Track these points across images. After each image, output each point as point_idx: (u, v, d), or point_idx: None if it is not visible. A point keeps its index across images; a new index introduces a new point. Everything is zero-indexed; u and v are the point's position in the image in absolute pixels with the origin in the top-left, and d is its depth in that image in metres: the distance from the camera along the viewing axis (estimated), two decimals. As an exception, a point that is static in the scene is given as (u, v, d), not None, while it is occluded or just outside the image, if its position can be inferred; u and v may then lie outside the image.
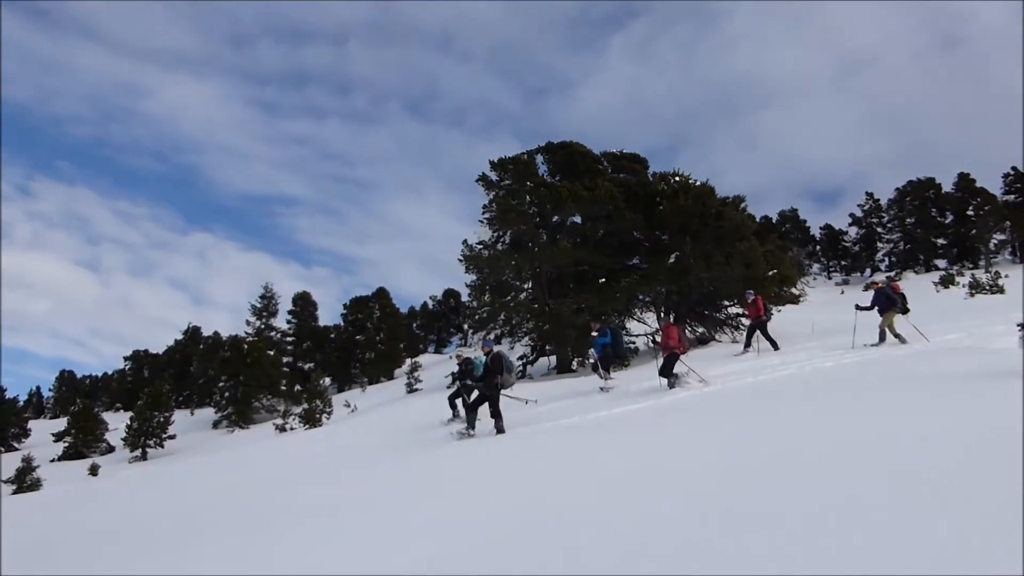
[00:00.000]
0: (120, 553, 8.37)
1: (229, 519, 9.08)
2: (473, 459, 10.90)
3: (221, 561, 6.44)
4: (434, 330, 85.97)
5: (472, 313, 35.16)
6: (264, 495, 10.94)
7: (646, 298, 31.30)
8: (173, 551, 7.63)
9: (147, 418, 39.53)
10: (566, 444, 10.43)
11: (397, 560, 5.13)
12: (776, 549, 3.56)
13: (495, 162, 33.24)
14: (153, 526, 9.99)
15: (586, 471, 7.59)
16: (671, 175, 31.94)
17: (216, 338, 66.23)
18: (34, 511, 15.60)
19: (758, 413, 9.61)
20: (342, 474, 11.84)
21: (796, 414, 8.80)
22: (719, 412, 10.71)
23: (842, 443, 6.16)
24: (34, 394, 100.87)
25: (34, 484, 25.54)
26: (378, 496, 9.13)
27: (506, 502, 6.64)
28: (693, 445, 8.09)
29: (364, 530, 6.70)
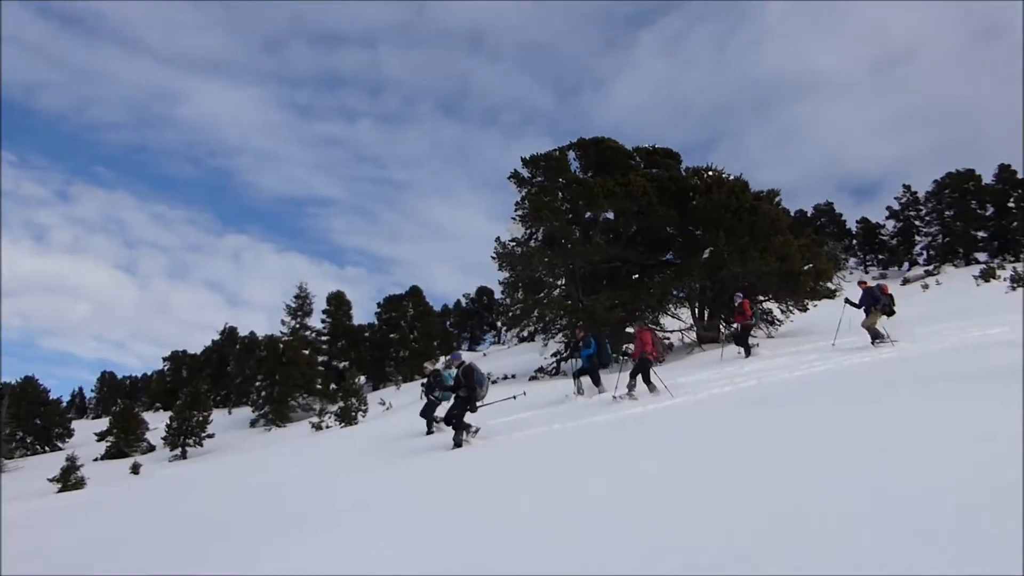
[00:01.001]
0: (169, 551, 8.56)
1: (269, 518, 9.23)
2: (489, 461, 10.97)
3: (259, 561, 6.57)
4: (467, 328, 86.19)
5: (505, 310, 35.24)
6: (304, 493, 11.09)
7: (680, 294, 31.18)
8: (216, 550, 7.79)
9: (186, 417, 40.05)
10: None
11: (429, 558, 5.21)
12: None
13: (527, 159, 33.23)
14: (197, 525, 10.19)
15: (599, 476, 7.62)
16: (704, 170, 31.78)
17: (252, 338, 66.89)
18: (79, 510, 15.95)
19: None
20: (375, 472, 11.92)
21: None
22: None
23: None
24: (77, 395, 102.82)
25: (78, 483, 25.98)
26: (408, 494, 9.23)
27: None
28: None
29: (397, 528, 6.78)
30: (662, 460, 7.71)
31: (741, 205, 28.88)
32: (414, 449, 14.00)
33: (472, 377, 12.69)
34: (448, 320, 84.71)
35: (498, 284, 35.27)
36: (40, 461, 43.90)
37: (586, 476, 7.55)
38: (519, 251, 32.31)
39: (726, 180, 30.22)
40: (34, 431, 53.19)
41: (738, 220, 28.60)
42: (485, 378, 13.21)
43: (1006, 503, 3.58)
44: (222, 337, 74.74)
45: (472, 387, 12.62)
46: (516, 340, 43.08)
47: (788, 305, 29.79)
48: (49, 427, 54.47)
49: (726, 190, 29.16)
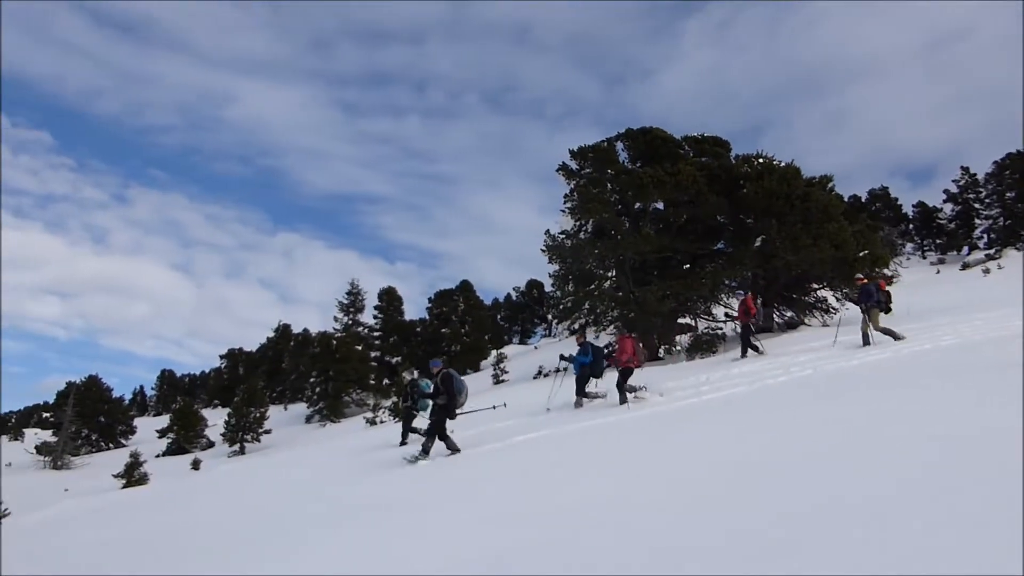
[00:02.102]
0: (238, 546, 8.77)
1: (323, 513, 9.41)
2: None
3: (310, 554, 6.72)
4: (518, 321, 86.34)
5: (556, 303, 35.20)
6: (355, 487, 11.26)
7: (732, 283, 30.86)
8: (273, 544, 7.97)
9: (244, 414, 40.89)
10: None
11: (470, 551, 5.29)
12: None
13: (575, 151, 33.14)
14: (254, 519, 10.42)
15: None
16: (754, 157, 31.37)
17: (306, 335, 67.86)
18: (140, 507, 16.39)
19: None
20: (424, 466, 12.03)
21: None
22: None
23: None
24: (138, 393, 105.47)
25: (141, 479, 26.65)
26: (455, 488, 9.33)
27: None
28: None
29: (443, 521, 6.89)
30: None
31: (793, 192, 28.46)
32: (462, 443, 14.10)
33: (451, 384, 12.52)
34: (499, 314, 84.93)
35: (548, 277, 35.31)
36: (105, 458, 45.17)
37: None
38: (569, 243, 32.26)
39: (777, 167, 29.81)
40: (98, 428, 54.69)
41: (790, 207, 28.20)
42: (464, 385, 13.06)
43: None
44: (276, 334, 75.93)
45: (451, 394, 12.45)
46: (567, 333, 42.96)
47: (844, 293, 29.29)
48: (112, 424, 55.95)
49: (777, 177, 28.77)
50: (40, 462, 43.81)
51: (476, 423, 16.04)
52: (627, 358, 14.84)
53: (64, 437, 45.97)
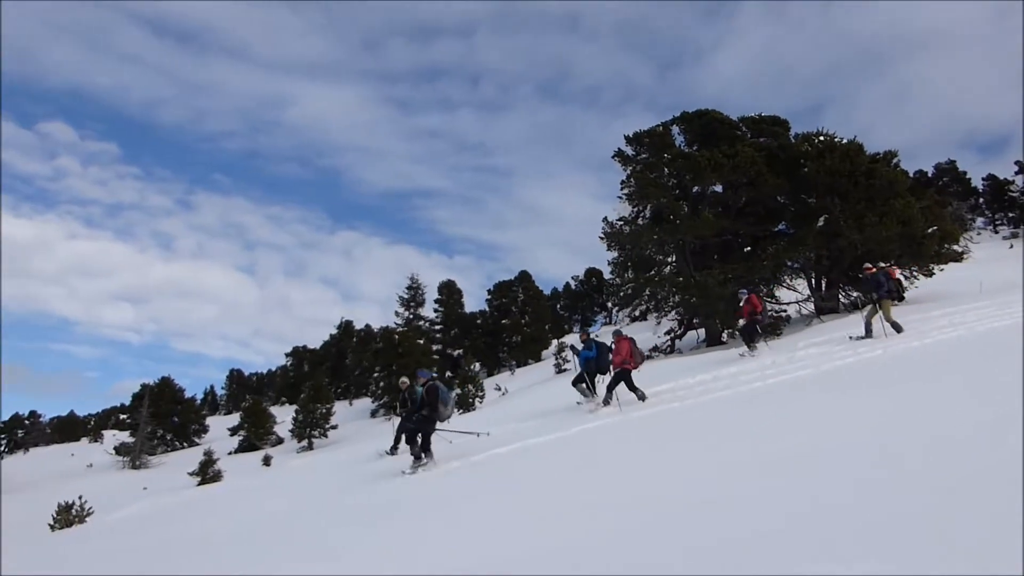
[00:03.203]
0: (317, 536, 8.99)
1: (394, 505, 9.58)
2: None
3: (385, 546, 6.86)
4: (578, 310, 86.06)
5: (616, 290, 35.06)
6: (419, 480, 11.41)
7: (795, 264, 30.36)
8: (351, 534, 8.16)
9: (311, 410, 41.64)
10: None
11: (530, 545, 5.34)
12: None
13: (630, 137, 32.93)
14: (332, 512, 10.67)
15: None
16: (815, 135, 30.77)
17: (368, 330, 68.62)
18: (215, 504, 16.83)
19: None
20: (489, 458, 12.11)
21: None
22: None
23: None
24: (209, 393, 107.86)
25: (216, 476, 27.34)
26: (517, 480, 9.40)
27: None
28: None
29: (501, 515, 6.96)
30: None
31: (856, 169, 27.88)
32: (523, 433, 14.15)
33: (435, 396, 12.36)
34: (558, 303, 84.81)
35: (607, 264, 35.24)
36: (180, 456, 46.48)
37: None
38: (627, 230, 32.09)
39: (839, 144, 29.20)
40: (172, 428, 56.28)
41: (853, 185, 27.63)
42: (450, 398, 12.89)
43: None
44: (339, 331, 76.92)
45: (434, 406, 12.33)
46: (628, 320, 42.79)
47: (912, 271, 28.60)
48: (186, 424, 57.51)
49: (839, 154, 28.20)
50: (119, 462, 45.34)
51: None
52: (622, 360, 14.58)
53: (141, 438, 47.46)
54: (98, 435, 72.85)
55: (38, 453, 71.42)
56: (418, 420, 12.57)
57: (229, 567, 7.73)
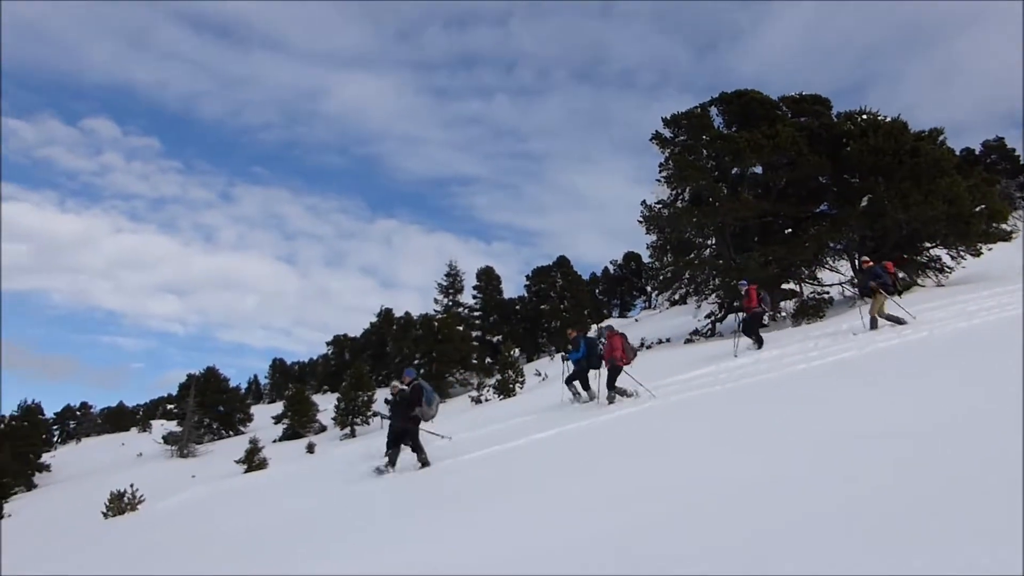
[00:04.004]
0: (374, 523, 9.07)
1: (439, 493, 9.63)
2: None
3: (441, 531, 6.89)
4: (617, 294, 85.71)
5: (655, 274, 34.86)
6: (473, 467, 11.44)
7: (838, 245, 29.89)
8: (407, 521, 8.21)
9: (352, 398, 42.04)
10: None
11: (580, 532, 5.32)
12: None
13: (668, 119, 32.59)
14: (383, 500, 10.76)
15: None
16: (857, 114, 30.18)
17: (408, 318, 68.97)
18: (263, 491, 17.07)
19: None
20: (537, 443, 12.11)
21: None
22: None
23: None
24: (252, 382, 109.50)
25: (261, 464, 27.77)
26: (562, 466, 9.38)
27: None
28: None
29: (556, 502, 6.94)
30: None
31: (900, 147, 27.27)
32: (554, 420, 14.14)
33: (421, 396, 12.47)
34: (597, 288, 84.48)
35: (646, 248, 34.99)
36: (226, 445, 47.30)
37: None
38: (666, 213, 31.82)
39: (882, 122, 28.59)
40: (218, 417, 57.24)
41: (898, 163, 27.04)
42: (435, 397, 12.96)
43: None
44: (379, 319, 77.37)
45: (420, 406, 12.45)
46: (668, 304, 42.52)
47: (959, 251, 27.98)
48: (231, 413, 58.46)
49: (883, 133, 27.60)
50: (168, 451, 46.35)
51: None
52: (617, 355, 14.48)
53: (188, 427, 48.42)
54: (147, 425, 74.39)
55: (89, 443, 73.27)
56: (404, 421, 12.56)
57: (271, 558, 7.83)
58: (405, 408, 12.54)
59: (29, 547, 18.46)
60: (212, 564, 8.40)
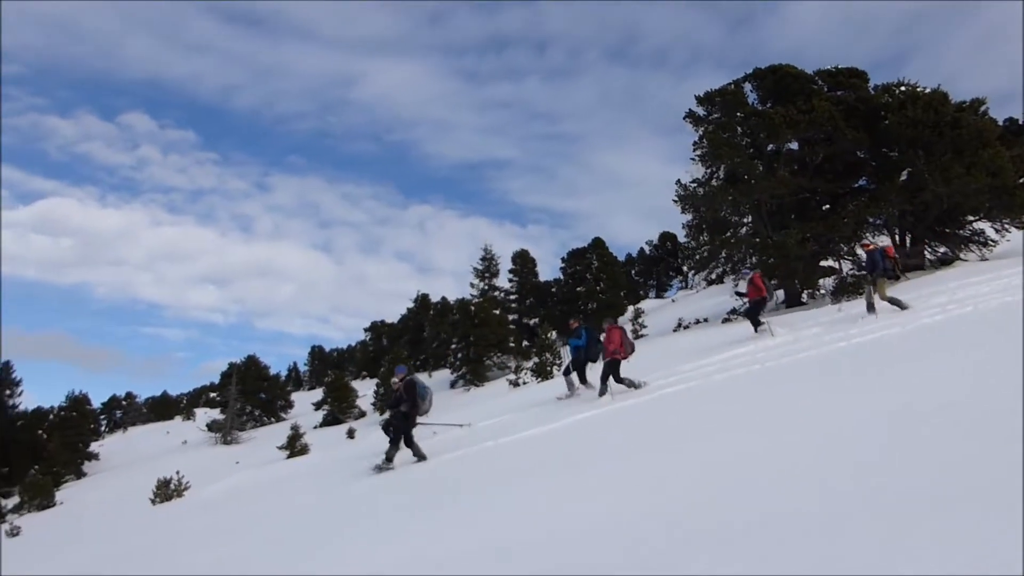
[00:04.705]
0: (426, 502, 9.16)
1: (479, 474, 9.70)
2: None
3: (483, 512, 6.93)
4: (653, 275, 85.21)
5: (691, 253, 34.58)
6: (514, 451, 11.49)
7: (877, 221, 29.42)
8: (431, 512, 8.28)
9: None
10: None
11: (633, 507, 5.30)
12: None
13: (701, 97, 32.26)
14: (412, 488, 10.87)
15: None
16: (895, 86, 29.62)
17: (444, 303, 69.18)
18: (305, 478, 17.27)
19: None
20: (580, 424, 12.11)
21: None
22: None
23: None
24: (292, 369, 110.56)
25: (303, 449, 28.12)
26: (609, 447, 9.36)
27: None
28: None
29: (603, 482, 6.94)
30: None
31: (941, 119, 26.73)
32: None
33: (414, 392, 12.44)
34: (633, 269, 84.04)
35: (681, 228, 34.73)
36: (268, 431, 48.00)
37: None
38: (701, 192, 31.54)
39: (921, 94, 28.03)
40: (260, 404, 58.01)
41: (938, 135, 26.51)
42: (428, 392, 12.94)
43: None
44: (416, 304, 77.70)
45: (414, 402, 12.42)
46: (704, 283, 42.15)
47: (1003, 224, 27.41)
48: (272, 400, 59.23)
49: (922, 105, 27.07)
50: (212, 438, 47.15)
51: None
52: (614, 348, 14.24)
53: (231, 414, 49.19)
54: (190, 413, 75.55)
55: (136, 432, 74.74)
56: (399, 416, 12.61)
57: (313, 544, 7.93)
58: (400, 404, 12.60)
59: (82, 532, 18.93)
60: (253, 549, 8.55)
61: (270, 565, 7.31)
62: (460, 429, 14.53)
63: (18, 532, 23.01)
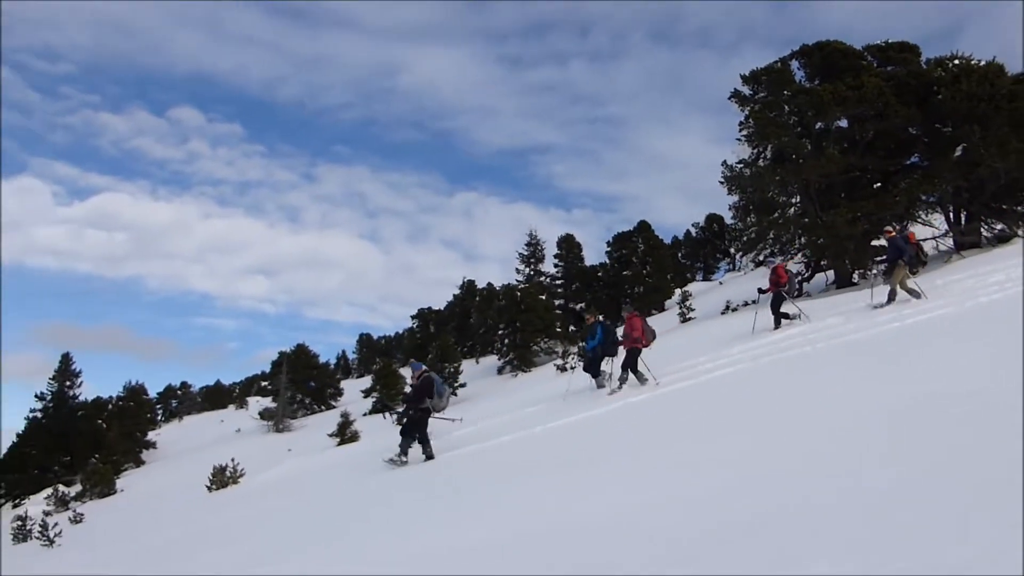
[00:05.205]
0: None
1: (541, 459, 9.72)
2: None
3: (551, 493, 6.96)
4: (700, 257, 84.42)
5: (739, 235, 34.16)
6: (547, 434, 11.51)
7: (930, 198, 28.72)
8: (484, 494, 8.33)
9: (439, 370, 42.54)
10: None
11: (694, 487, 5.27)
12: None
13: (747, 75, 31.76)
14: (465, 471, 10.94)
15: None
16: (948, 59, 28.81)
17: (490, 289, 69.34)
18: (357, 465, 17.47)
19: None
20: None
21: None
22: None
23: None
24: (341, 358, 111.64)
25: (353, 436, 28.48)
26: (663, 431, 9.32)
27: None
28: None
29: (656, 465, 6.91)
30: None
31: (997, 92, 25.94)
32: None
33: (431, 388, 12.52)
34: (679, 252, 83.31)
35: (728, 209, 34.36)
36: (318, 419, 48.71)
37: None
38: (748, 172, 31.09)
39: (976, 67, 27.23)
40: (310, 393, 58.87)
41: (994, 109, 25.73)
42: (445, 389, 13.00)
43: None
44: (462, 291, 77.91)
45: (431, 398, 12.54)
46: (752, 265, 41.60)
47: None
48: (322, 388, 60.05)
49: (977, 78, 26.30)
50: (264, 427, 48.03)
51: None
52: (636, 336, 14.21)
53: (282, 403, 50.04)
54: (243, 402, 76.90)
55: (191, 421, 76.48)
56: (413, 413, 12.74)
57: (366, 528, 8.03)
58: (415, 400, 12.75)
59: (142, 520, 19.42)
60: (303, 534, 8.68)
61: (304, 556, 7.45)
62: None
63: (81, 519, 23.65)
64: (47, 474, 50.14)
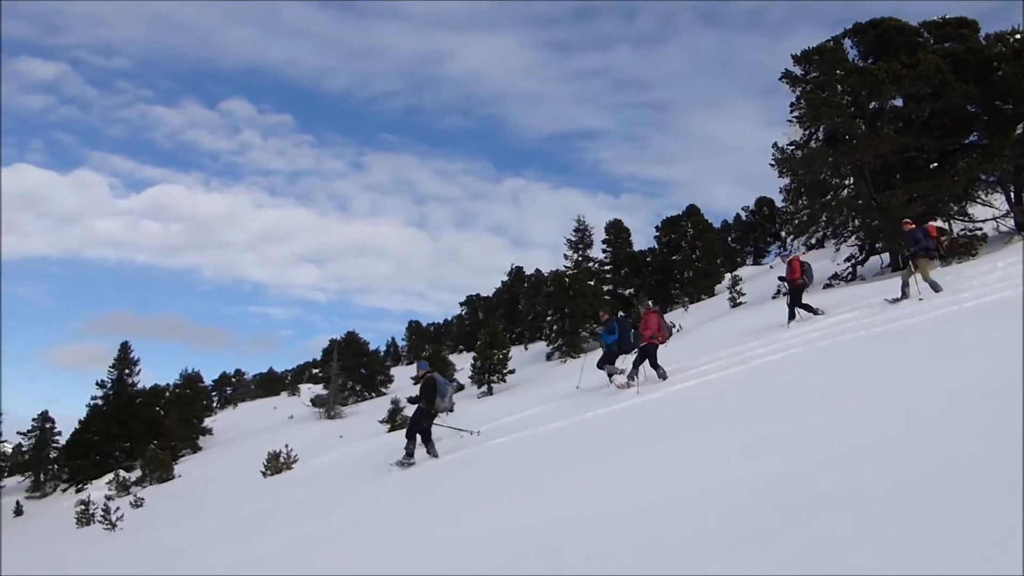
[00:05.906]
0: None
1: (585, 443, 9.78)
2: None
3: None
4: (750, 241, 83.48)
5: (790, 218, 33.69)
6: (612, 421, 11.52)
7: (990, 178, 27.93)
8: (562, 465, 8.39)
9: (488, 356, 42.82)
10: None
11: (739, 472, 5.25)
12: None
13: (798, 56, 31.16)
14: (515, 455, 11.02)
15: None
16: (1009, 34, 27.98)
17: (539, 275, 69.37)
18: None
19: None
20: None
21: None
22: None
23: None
24: (391, 345, 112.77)
25: (403, 423, 28.80)
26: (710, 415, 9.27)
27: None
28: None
29: (704, 448, 6.88)
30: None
31: (1061, 67, 25.14)
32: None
33: (433, 389, 12.55)
34: (729, 236, 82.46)
35: (779, 192, 33.86)
36: (369, 406, 49.34)
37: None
38: (799, 154, 30.58)
39: (1039, 41, 26.42)
40: (361, 379, 59.68)
41: (1058, 85, 24.95)
42: (448, 389, 12.99)
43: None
44: (510, 277, 78.17)
45: (431, 399, 12.55)
46: (804, 248, 40.99)
47: None
48: (372, 375, 60.91)
49: (1040, 52, 25.52)
50: (316, 413, 48.80)
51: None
52: (651, 334, 14.03)
53: (333, 389, 50.78)
54: (295, 389, 78.20)
55: (245, 408, 78.03)
56: (418, 412, 12.86)
57: (421, 513, 8.13)
58: (418, 401, 12.86)
59: (202, 503, 19.90)
60: (350, 518, 8.84)
61: (349, 543, 7.60)
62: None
63: (142, 503, 24.32)
64: (108, 459, 51.70)
